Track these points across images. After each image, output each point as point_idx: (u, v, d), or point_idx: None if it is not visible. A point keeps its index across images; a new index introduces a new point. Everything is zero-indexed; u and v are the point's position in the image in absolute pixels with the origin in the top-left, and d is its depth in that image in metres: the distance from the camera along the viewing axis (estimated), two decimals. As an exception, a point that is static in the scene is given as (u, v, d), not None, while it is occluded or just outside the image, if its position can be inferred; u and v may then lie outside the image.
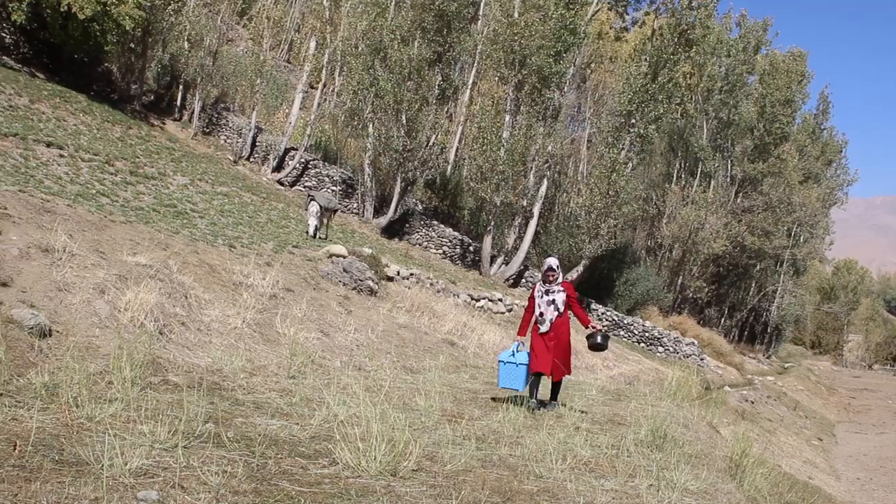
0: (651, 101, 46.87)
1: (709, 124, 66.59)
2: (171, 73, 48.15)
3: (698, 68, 64.97)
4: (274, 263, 22.88)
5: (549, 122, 47.56)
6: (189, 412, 9.20)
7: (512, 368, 14.15)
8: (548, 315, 14.26)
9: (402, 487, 7.92)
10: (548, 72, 46.28)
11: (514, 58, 46.43)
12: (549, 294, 14.38)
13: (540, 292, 14.50)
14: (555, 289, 14.41)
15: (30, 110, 32.41)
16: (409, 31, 44.82)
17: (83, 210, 20.70)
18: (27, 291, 13.58)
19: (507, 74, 47.61)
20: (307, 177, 47.93)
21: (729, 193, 66.21)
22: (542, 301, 14.39)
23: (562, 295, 14.36)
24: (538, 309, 14.40)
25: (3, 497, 6.25)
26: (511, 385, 14.20)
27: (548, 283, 14.47)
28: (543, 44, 45.78)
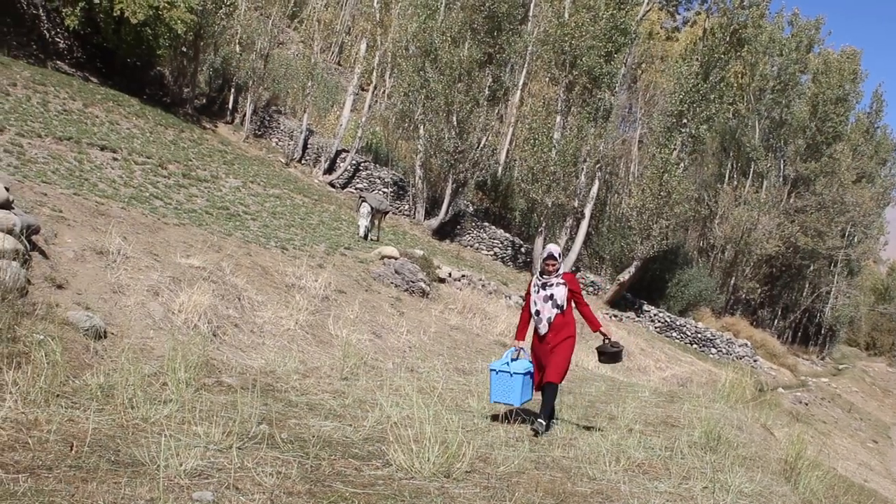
0: (703, 100, 46.61)
1: (761, 124, 66.08)
2: (223, 77, 48.41)
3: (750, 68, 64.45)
4: (326, 265, 22.91)
5: (600, 122, 47.44)
6: (243, 413, 9.23)
7: (505, 379, 11.92)
8: (545, 313, 12.11)
9: (456, 489, 7.90)
10: (599, 72, 46.20)
11: (564, 58, 46.38)
12: (548, 287, 12.15)
13: (536, 286, 12.29)
14: (553, 281, 12.17)
15: (84, 114, 32.67)
16: (459, 33, 44.88)
17: (137, 213, 20.82)
18: (82, 294, 13.67)
19: (558, 75, 47.56)
20: (358, 179, 48.04)
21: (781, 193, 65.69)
22: (538, 297, 12.21)
23: (562, 289, 12.13)
24: (533, 306, 12.24)
25: (60, 497, 6.28)
26: (504, 399, 11.99)
27: (546, 274, 12.23)
28: (594, 44, 45.71)
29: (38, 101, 30.99)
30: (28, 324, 11.02)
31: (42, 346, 10.09)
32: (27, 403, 8.71)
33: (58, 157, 25.25)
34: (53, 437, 7.84)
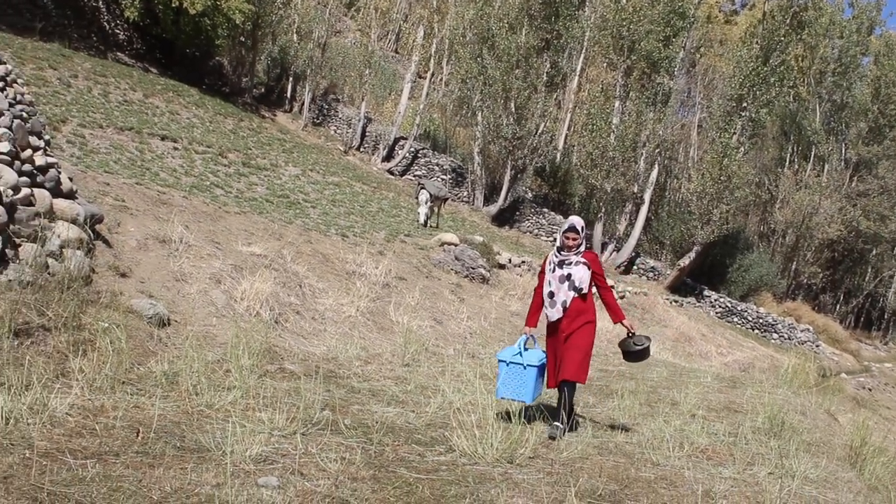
0: (763, 84, 46.14)
1: (822, 107, 65.30)
2: (281, 66, 48.55)
3: (810, 50, 63.71)
4: (386, 252, 22.94)
5: (658, 107, 47.18)
6: (306, 400, 9.26)
7: (517, 372, 10.25)
8: (560, 296, 10.33)
9: (519, 475, 7.89)
10: (657, 57, 45.95)
11: (622, 43, 46.17)
12: (565, 266, 10.35)
13: (552, 264, 10.50)
14: (573, 258, 10.35)
15: (144, 104, 32.91)
16: (516, 19, 44.75)
17: (198, 201, 20.94)
18: (145, 282, 13.78)
19: (616, 60, 47.37)
20: (417, 166, 48.06)
21: (843, 177, 64.88)
22: (553, 276, 10.42)
23: (582, 269, 10.33)
24: (547, 287, 10.46)
25: (128, 482, 6.34)
26: (514, 395, 10.27)
27: (565, 249, 10.41)
28: (652, 28, 45.47)
29: (99, 92, 31.23)
30: (93, 312, 11.12)
31: (107, 333, 10.18)
32: (93, 390, 8.80)
33: (119, 147, 25.45)
34: (120, 423, 7.91)
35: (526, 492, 7.33)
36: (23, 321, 9.80)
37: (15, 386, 7.97)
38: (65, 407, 7.98)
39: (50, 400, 7.96)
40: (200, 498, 6.20)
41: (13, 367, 8.48)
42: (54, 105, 26.32)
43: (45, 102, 25.25)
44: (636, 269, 48.05)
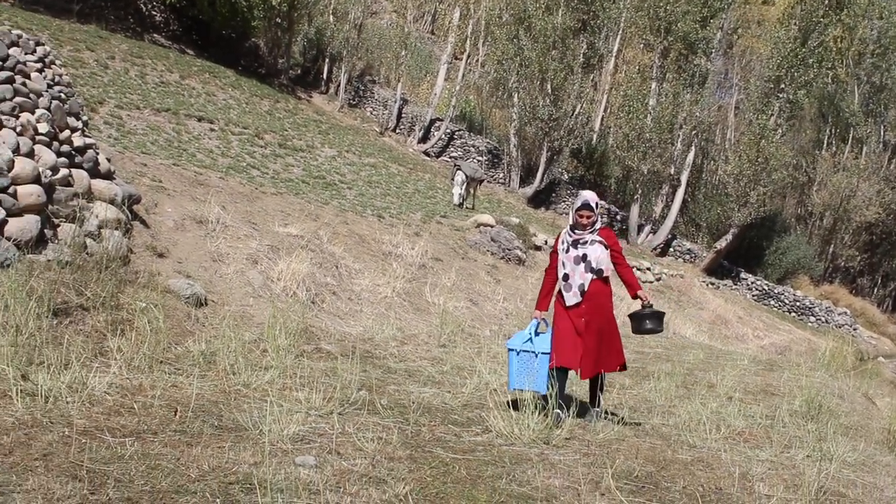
0: (801, 65, 45.77)
1: (860, 89, 64.70)
2: (317, 47, 48.54)
3: (849, 31, 63.10)
4: (422, 233, 22.96)
5: (695, 88, 46.94)
6: (343, 380, 9.30)
7: (528, 360, 9.60)
8: (576, 279, 9.65)
9: (556, 455, 7.89)
10: (694, 38, 45.72)
11: (659, 24, 45.95)
12: (580, 246, 9.68)
13: (565, 243, 9.84)
14: (588, 237, 9.69)
15: (181, 86, 33.00)
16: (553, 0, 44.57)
17: (235, 182, 21.01)
18: (183, 262, 13.85)
19: (653, 41, 47.17)
20: (453, 147, 48.02)
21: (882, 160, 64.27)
22: (566, 257, 9.75)
23: (599, 248, 9.68)
24: (561, 269, 9.80)
25: (166, 461, 6.37)
26: (529, 385, 9.60)
27: (580, 229, 9.75)
28: (689, 9, 45.24)
29: (135, 74, 31.34)
30: (131, 292, 11.20)
31: (145, 313, 10.25)
32: (131, 369, 8.86)
33: (156, 128, 25.54)
34: (158, 402, 7.97)
35: (562, 472, 7.33)
36: (62, 301, 9.87)
37: (54, 365, 8.03)
38: (103, 386, 8.03)
39: (89, 379, 8.03)
40: (238, 476, 6.22)
41: (52, 346, 8.55)
42: (92, 86, 26.43)
43: (82, 84, 25.36)
44: (672, 251, 47.88)
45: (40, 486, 5.55)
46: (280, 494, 5.86)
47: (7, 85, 11.10)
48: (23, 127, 11.14)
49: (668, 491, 7.14)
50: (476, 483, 6.76)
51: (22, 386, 7.44)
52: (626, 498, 6.66)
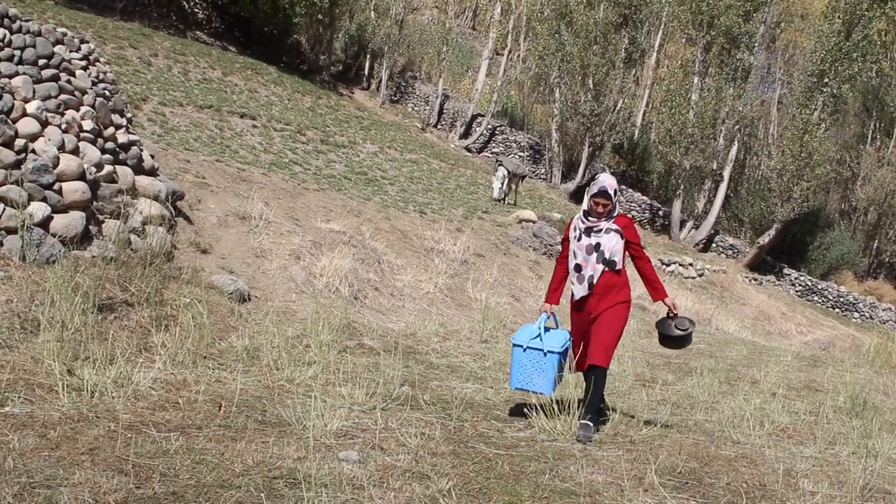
0: (845, 59, 45.42)
1: (905, 82, 64.30)
2: (359, 43, 48.66)
3: (894, 24, 62.58)
4: (464, 229, 22.97)
5: (738, 83, 46.69)
6: (385, 375, 9.31)
7: (535, 358, 8.73)
8: (586, 270, 8.76)
9: (599, 451, 7.87)
10: (737, 32, 45.46)
11: (701, 18, 45.73)
12: (593, 234, 8.71)
13: (577, 231, 8.86)
14: (603, 225, 8.70)
15: (223, 83, 33.15)
16: (594, -6, 44.51)
17: (277, 178, 21.09)
18: (226, 258, 13.93)
19: (695, 35, 46.94)
20: (494, 143, 48.02)
21: (927, 155, 63.94)
22: (578, 246, 8.81)
23: (614, 237, 8.70)
24: (573, 258, 8.88)
25: (210, 455, 6.41)
26: (532, 385, 8.80)
27: (594, 215, 8.75)
28: (732, 3, 44.99)
29: (178, 71, 31.52)
30: (174, 287, 11.27)
31: (188, 309, 10.30)
32: (176, 365, 8.91)
33: (199, 124, 25.67)
34: (202, 397, 8.01)
35: (605, 468, 7.32)
36: (106, 296, 9.94)
37: (100, 360, 8.09)
38: (148, 381, 8.09)
39: (134, 374, 8.08)
40: (282, 471, 6.25)
41: (98, 341, 8.61)
42: (135, 84, 26.60)
43: (126, 81, 25.52)
44: (715, 246, 47.66)
45: (87, 480, 5.59)
46: (324, 489, 5.88)
47: (52, 83, 11.19)
48: (68, 124, 11.23)
49: (712, 487, 7.12)
50: (519, 478, 6.75)
51: (68, 381, 7.51)
52: (669, 494, 6.64)
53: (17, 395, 7.11)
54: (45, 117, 10.84)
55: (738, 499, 6.75)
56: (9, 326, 8.63)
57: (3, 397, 6.99)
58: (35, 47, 11.06)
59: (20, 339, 8.46)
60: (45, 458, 5.94)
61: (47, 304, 8.97)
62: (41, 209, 10.37)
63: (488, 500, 6.18)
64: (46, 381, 7.54)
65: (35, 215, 10.25)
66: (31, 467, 5.70)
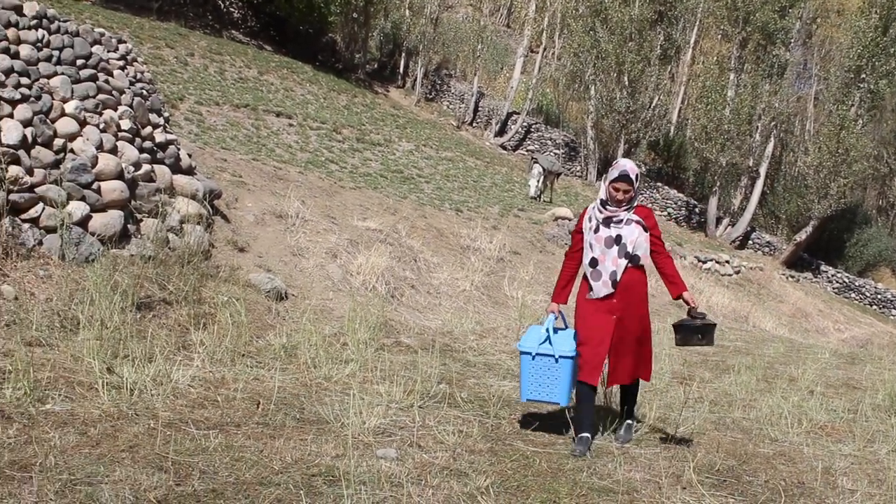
0: (882, 55, 45.10)
1: (944, 78, 63.80)
2: (394, 42, 48.77)
3: (932, 20, 62.25)
4: (500, 227, 22.97)
5: (774, 79, 46.48)
6: (423, 373, 9.31)
7: (546, 366, 8.03)
8: (607, 264, 7.88)
9: (637, 449, 7.86)
10: (773, 28, 45.24)
11: (737, 14, 45.55)
12: (612, 225, 7.86)
13: (594, 221, 7.98)
14: (623, 216, 7.87)
15: (259, 81, 33.28)
16: (629, -9, 44.41)
17: (314, 176, 21.15)
18: (263, 256, 13.98)
19: (731, 32, 46.76)
20: (529, 140, 48.00)
21: (966, 150, 63.41)
22: (595, 238, 7.92)
23: (636, 229, 7.88)
24: (588, 252, 7.98)
25: (249, 452, 6.44)
26: (546, 395, 8.11)
27: (613, 203, 7.88)
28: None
29: (214, 70, 31.66)
30: (212, 286, 11.33)
31: (226, 307, 10.36)
32: (214, 363, 8.95)
33: (236, 123, 25.77)
34: (240, 395, 8.05)
35: (643, 466, 7.31)
36: (145, 295, 10.01)
37: (139, 358, 8.15)
38: (187, 378, 8.13)
39: (172, 372, 8.13)
40: (321, 468, 6.27)
41: (136, 339, 8.66)
42: (172, 83, 26.73)
43: (163, 80, 25.64)
44: (751, 243, 47.46)
45: (127, 477, 5.63)
46: (363, 486, 5.90)
47: (90, 83, 11.26)
48: (106, 124, 11.30)
49: (750, 485, 7.09)
50: (557, 476, 6.75)
51: (108, 379, 7.55)
52: (707, 492, 6.62)
53: (57, 393, 7.16)
54: (84, 117, 10.91)
55: (777, 497, 6.73)
56: (49, 325, 8.70)
57: (43, 395, 7.05)
58: (73, 47, 11.14)
59: (60, 338, 8.53)
60: (85, 455, 5.98)
61: (87, 303, 9.03)
62: (80, 208, 10.44)
63: (526, 498, 6.18)
64: (86, 379, 7.59)
65: (74, 214, 10.32)
66: (72, 464, 5.74)
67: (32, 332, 8.39)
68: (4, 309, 8.69)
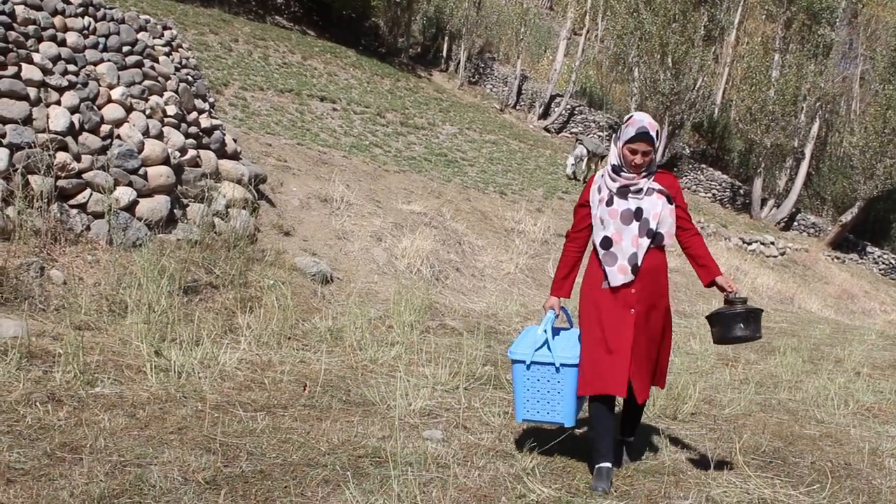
0: (929, 33, 44.77)
1: None
2: (437, 25, 48.68)
3: (979, -3, 61.51)
4: (544, 209, 22.97)
5: (819, 59, 46.06)
6: (468, 355, 9.33)
7: (544, 377, 6.32)
8: (625, 245, 6.19)
9: (682, 430, 7.85)
10: (817, 7, 44.83)
11: (782, -6, 45.23)
12: (630, 196, 6.22)
13: (605, 192, 6.29)
14: (643, 184, 6.24)
15: (303, 66, 33.32)
16: (673, -28, 44.14)
17: (358, 161, 21.20)
18: (308, 240, 14.04)
19: (775, 12, 46.36)
20: (573, 123, 47.82)
21: None
22: (608, 213, 6.24)
23: (659, 200, 6.22)
24: (599, 230, 6.29)
25: (296, 434, 6.49)
26: (543, 415, 6.41)
27: (630, 170, 6.24)
28: (813, -22, 44.45)
29: (258, 56, 31.74)
30: (258, 269, 11.41)
31: (272, 290, 10.43)
32: (260, 346, 9.02)
33: (280, 108, 25.83)
34: (287, 377, 8.11)
35: (689, 447, 7.30)
36: (192, 279, 10.09)
37: (186, 341, 8.22)
38: (234, 361, 8.20)
39: (220, 355, 8.20)
40: (367, 450, 6.30)
41: (184, 323, 8.75)
42: (216, 69, 26.83)
43: (207, 66, 25.74)
44: (796, 224, 47.12)
45: (176, 459, 5.69)
46: (409, 468, 5.92)
47: (136, 69, 11.35)
48: (152, 110, 11.38)
49: (797, 466, 7.07)
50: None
51: (155, 362, 7.63)
52: (753, 473, 6.61)
53: (106, 376, 7.24)
54: (130, 103, 11.00)
55: (823, 478, 6.70)
56: (97, 309, 8.79)
57: (93, 378, 7.12)
58: (119, 34, 11.22)
59: (109, 322, 8.62)
60: (134, 437, 6.05)
61: (134, 287, 9.12)
62: (127, 193, 10.54)
63: (572, 479, 6.20)
64: (135, 363, 7.67)
65: (121, 200, 10.41)
66: (121, 446, 5.80)
67: (81, 316, 8.48)
68: (54, 293, 8.79)
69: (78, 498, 4.89)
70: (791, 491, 6.36)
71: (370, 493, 5.45)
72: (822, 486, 6.48)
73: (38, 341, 7.63)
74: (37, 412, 6.18)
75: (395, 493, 5.39)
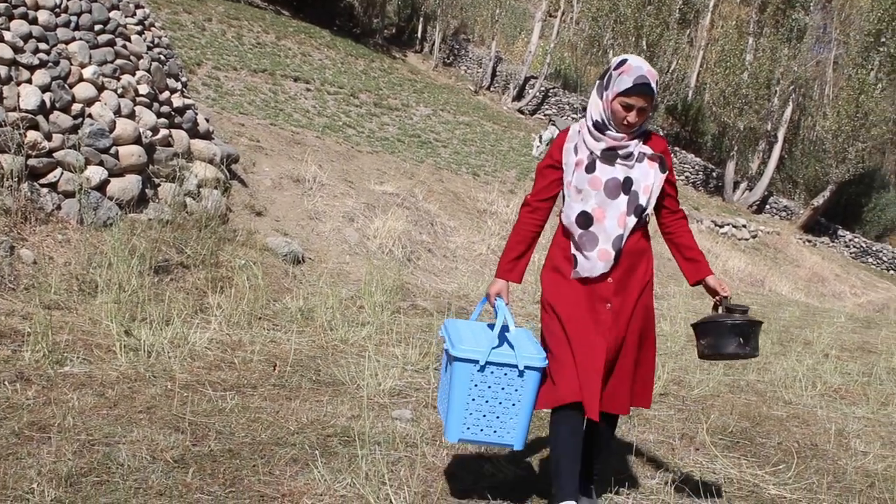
0: (902, 18, 44.89)
1: (964, 42, 63.25)
2: (412, 6, 48.58)
3: (953, -18, 61.69)
4: (517, 191, 23.01)
5: (793, 43, 46.25)
6: (438, 336, 9.37)
7: (501, 383, 4.82)
8: (608, 224, 4.86)
9: (650, 411, 7.88)
10: (792, -9, 45.06)
11: (757, -23, 45.35)
12: (619, 162, 4.87)
13: (584, 154, 4.94)
14: (634, 149, 4.89)
15: (276, 47, 33.23)
16: (648, -46, 44.17)
17: (331, 141, 21.19)
18: (280, 220, 14.04)
19: (750, -5, 46.55)
20: (547, 105, 47.83)
21: None
22: (588, 181, 4.88)
23: (651, 169, 4.92)
24: (576, 203, 4.94)
25: (265, 413, 6.52)
26: (489, 435, 4.90)
27: (619, 128, 4.88)
28: (788, -39, 44.59)
29: (232, 35, 31.62)
30: (229, 249, 11.39)
31: (244, 270, 10.43)
32: (231, 325, 9.02)
33: (253, 88, 25.78)
34: (257, 357, 8.11)
35: (657, 428, 7.37)
36: (163, 259, 10.07)
37: (156, 321, 8.22)
38: (204, 341, 8.20)
39: (190, 334, 8.20)
40: (336, 429, 6.33)
41: (154, 302, 8.74)
42: (189, 48, 26.72)
43: (180, 46, 25.64)
44: (769, 208, 47.34)
45: (144, 438, 5.70)
46: (377, 447, 5.96)
47: (108, 48, 11.29)
48: (124, 89, 11.34)
49: (763, 447, 7.15)
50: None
51: (125, 341, 7.62)
52: (720, 453, 6.68)
53: (76, 356, 7.23)
54: (102, 82, 10.95)
55: (790, 458, 6.77)
56: (67, 288, 8.77)
57: (62, 357, 7.11)
58: (91, 13, 11.16)
59: (79, 301, 8.60)
60: (103, 416, 6.05)
61: (105, 267, 9.10)
62: (98, 173, 10.49)
63: (542, 456, 6.25)
64: (104, 342, 7.66)
65: (92, 179, 10.36)
66: (90, 425, 5.81)
67: (51, 296, 8.46)
68: (23, 272, 8.76)
69: (45, 476, 4.90)
70: (757, 471, 6.44)
71: (338, 472, 5.48)
72: (788, 466, 6.56)
73: (7, 320, 7.61)
74: (5, 391, 6.17)
75: (364, 471, 5.42)
